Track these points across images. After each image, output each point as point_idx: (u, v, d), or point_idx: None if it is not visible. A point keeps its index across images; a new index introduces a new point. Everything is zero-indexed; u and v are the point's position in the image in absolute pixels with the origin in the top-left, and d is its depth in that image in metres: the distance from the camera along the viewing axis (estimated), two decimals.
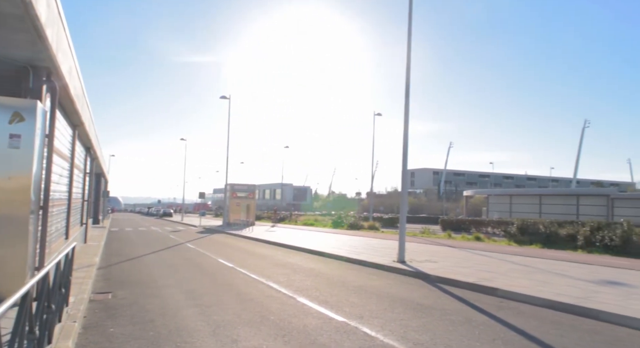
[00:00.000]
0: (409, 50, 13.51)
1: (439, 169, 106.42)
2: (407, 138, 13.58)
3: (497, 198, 61.48)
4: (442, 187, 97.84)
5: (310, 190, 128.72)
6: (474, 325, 6.41)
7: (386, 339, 5.63)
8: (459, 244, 20.08)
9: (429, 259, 13.51)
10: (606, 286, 9.23)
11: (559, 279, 10.05)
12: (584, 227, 18.29)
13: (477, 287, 9.27)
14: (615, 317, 6.72)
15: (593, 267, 12.50)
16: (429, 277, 10.61)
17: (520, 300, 8.22)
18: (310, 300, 7.91)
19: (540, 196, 57.70)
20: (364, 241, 21.29)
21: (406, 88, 13.51)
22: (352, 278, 10.72)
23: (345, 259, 14.18)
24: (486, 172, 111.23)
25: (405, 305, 7.72)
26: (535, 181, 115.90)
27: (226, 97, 35.99)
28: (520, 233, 20.78)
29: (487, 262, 13.13)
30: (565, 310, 7.41)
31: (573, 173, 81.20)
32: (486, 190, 72.66)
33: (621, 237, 16.20)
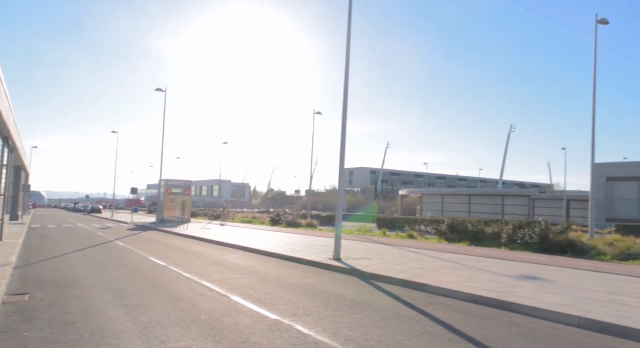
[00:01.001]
0: (347, 51, 13.68)
1: (377, 168, 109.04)
2: (344, 137, 13.76)
3: (430, 198, 64.07)
4: (379, 186, 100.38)
5: (249, 187, 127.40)
6: (404, 320, 6.62)
7: (318, 336, 5.67)
8: (393, 242, 20.67)
9: (364, 256, 13.79)
10: (525, 281, 9.86)
11: (484, 275, 10.61)
12: (507, 226, 19.43)
13: (408, 283, 9.58)
14: (531, 310, 7.19)
15: (514, 263, 13.31)
16: (363, 274, 10.82)
17: (448, 295, 8.59)
18: (244, 299, 7.81)
19: (470, 196, 60.82)
20: (302, 239, 21.36)
21: (344, 87, 13.68)
22: (287, 275, 10.72)
23: (281, 257, 14.15)
24: (421, 172, 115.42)
25: (339, 302, 7.83)
26: (466, 181, 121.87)
27: (162, 89, 34.71)
28: (450, 231, 21.73)
29: (418, 259, 13.61)
30: (488, 304, 7.83)
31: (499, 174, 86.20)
32: (420, 190, 75.42)
33: (539, 234, 17.38)
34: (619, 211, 36.53)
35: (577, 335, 6.07)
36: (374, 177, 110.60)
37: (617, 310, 7.02)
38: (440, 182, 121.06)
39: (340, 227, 13.60)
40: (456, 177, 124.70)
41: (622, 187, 36.96)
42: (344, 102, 13.67)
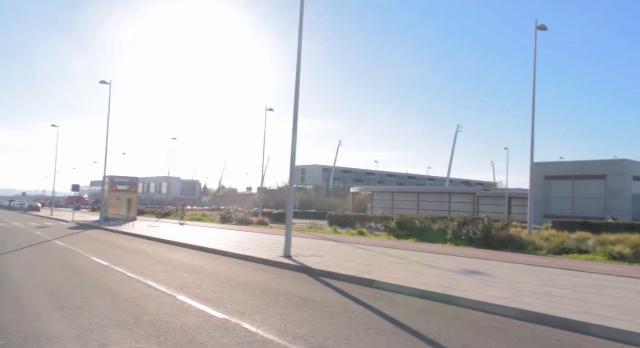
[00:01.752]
0: (299, 48, 13.67)
1: (329, 166, 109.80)
2: (295, 134, 13.74)
3: (381, 195, 65.30)
4: (331, 183, 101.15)
5: (199, 184, 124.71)
6: (352, 316, 6.71)
7: (266, 334, 5.65)
8: (343, 239, 20.90)
9: (314, 253, 13.86)
10: (467, 275, 10.26)
11: (429, 270, 10.94)
12: (452, 222, 20.13)
13: (357, 279, 9.72)
14: (473, 303, 7.49)
15: (458, 258, 13.81)
16: (313, 270, 10.88)
17: (395, 290, 8.79)
18: (191, 298, 7.65)
19: (418, 193, 62.46)
20: (252, 236, 21.19)
21: (296, 84, 13.67)
22: (237, 274, 10.60)
23: (231, 255, 13.97)
24: (372, 170, 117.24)
25: (287, 299, 7.83)
26: (415, 179, 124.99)
27: (106, 82, 33.33)
28: (399, 227, 22.25)
29: (367, 255, 13.84)
30: (432, 298, 8.08)
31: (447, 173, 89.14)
32: (371, 187, 76.69)
33: (482, 231, 18.13)
34: (555, 208, 38.72)
35: (514, 326, 6.39)
36: (326, 174, 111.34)
37: (550, 302, 7.44)
38: (391, 180, 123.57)
39: (290, 224, 13.59)
40: (406, 175, 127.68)
41: (558, 185, 39.19)
42: (295, 99, 13.66)
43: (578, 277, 10.45)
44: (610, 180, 35.87)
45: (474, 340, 5.63)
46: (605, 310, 6.87)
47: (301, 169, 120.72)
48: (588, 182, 37.44)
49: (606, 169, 36.35)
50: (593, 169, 37.18)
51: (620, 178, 35.44)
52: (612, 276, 10.69)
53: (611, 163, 36.93)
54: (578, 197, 38.10)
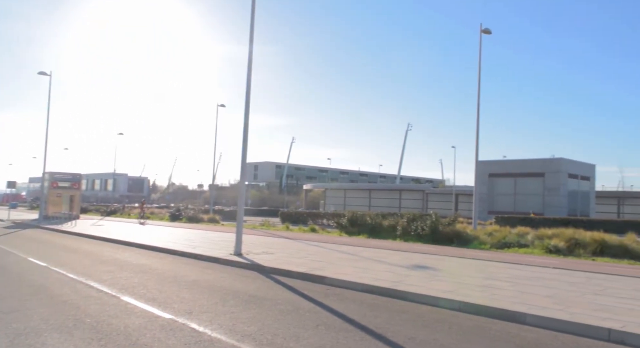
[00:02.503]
0: (251, 43, 13.52)
1: (282, 163, 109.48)
2: (247, 129, 13.59)
3: (333, 192, 65.84)
4: (285, 180, 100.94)
5: (147, 181, 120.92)
6: (302, 313, 6.73)
7: (214, 333, 5.56)
8: (295, 236, 20.91)
9: (266, 251, 13.78)
10: (415, 270, 10.53)
11: (379, 266, 11.15)
12: (402, 219, 20.59)
13: (308, 276, 9.75)
14: (420, 297, 7.71)
15: (407, 253, 14.15)
16: (264, 268, 10.82)
17: (345, 286, 8.89)
18: (136, 299, 7.40)
19: (370, 191, 63.49)
20: (203, 234, 20.79)
21: (247, 80, 13.51)
22: (185, 273, 10.36)
23: (180, 254, 13.64)
24: (325, 167, 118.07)
25: (237, 297, 7.74)
26: (367, 177, 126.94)
27: (46, 73, 31.60)
28: (350, 224, 22.51)
29: (319, 252, 13.92)
30: (382, 293, 8.24)
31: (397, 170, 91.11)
32: (324, 185, 77.22)
33: (430, 227, 18.67)
34: (498, 204, 40.49)
35: (458, 318, 6.63)
36: (279, 171, 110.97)
37: (492, 294, 7.78)
38: (343, 177, 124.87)
39: (241, 222, 13.44)
40: (358, 173, 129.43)
41: (501, 182, 41.00)
42: (246, 94, 13.50)
43: (518, 269, 10.98)
44: (548, 178, 37.92)
45: (419, 333, 5.79)
46: (541, 301, 7.26)
47: (254, 166, 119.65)
48: (528, 180, 39.40)
49: (544, 167, 38.38)
50: (533, 167, 39.16)
51: (557, 176, 37.54)
52: (549, 268, 11.31)
53: (549, 162, 39.04)
54: (519, 193, 40.01)
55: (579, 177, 39.92)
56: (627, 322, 6.00)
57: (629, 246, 14.61)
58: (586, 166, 41.43)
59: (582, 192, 40.58)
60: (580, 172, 40.21)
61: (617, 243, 14.94)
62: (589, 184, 41.86)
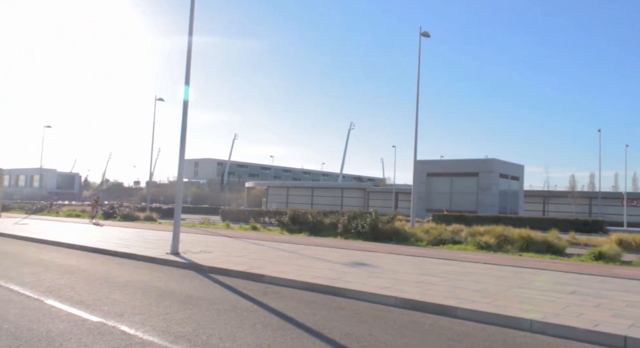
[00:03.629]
0: (190, 35, 13.15)
1: (224, 160, 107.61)
2: (185, 123, 13.21)
3: (276, 190, 65.60)
4: (226, 178, 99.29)
5: (79, 177, 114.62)
6: (239, 312, 6.63)
7: (146, 336, 5.35)
8: (236, 234, 20.62)
9: (205, 250, 13.47)
10: (354, 267, 10.70)
11: (319, 263, 11.22)
12: (343, 217, 20.86)
13: (247, 274, 9.63)
14: (358, 294, 7.83)
15: (347, 251, 14.35)
16: (202, 267, 10.57)
17: (285, 284, 8.86)
18: (62, 302, 6.97)
19: (313, 189, 63.83)
20: (138, 233, 20.00)
21: (187, 73, 13.13)
22: (118, 273, 9.91)
23: (113, 253, 13.03)
24: (268, 165, 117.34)
25: (172, 298, 7.50)
26: (310, 175, 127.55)
27: None
28: (292, 222, 22.51)
29: (259, 251, 13.80)
30: (321, 290, 8.29)
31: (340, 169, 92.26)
32: (266, 182, 76.75)
33: (370, 224, 19.06)
34: (436, 202, 42.07)
35: (393, 314, 6.80)
36: (221, 168, 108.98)
37: (426, 289, 8.05)
38: (286, 175, 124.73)
39: (179, 219, 13.05)
40: (301, 171, 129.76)
41: (439, 181, 42.63)
42: (185, 89, 13.11)
43: (451, 265, 11.45)
44: (482, 178, 39.87)
45: (356, 329, 5.88)
46: (472, 295, 7.61)
47: (194, 163, 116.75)
48: (463, 179, 41.24)
49: (478, 167, 40.32)
50: (468, 167, 41.03)
51: (490, 176, 39.56)
52: (480, 264, 11.88)
53: (482, 162, 41.05)
54: (455, 192, 41.79)
55: (509, 177, 42.30)
56: (547, 313, 6.41)
57: (551, 242, 15.66)
58: (516, 167, 43.95)
59: (512, 191, 43.03)
60: (511, 172, 42.61)
61: (541, 239, 15.95)
62: (518, 184, 44.47)
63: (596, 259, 13.39)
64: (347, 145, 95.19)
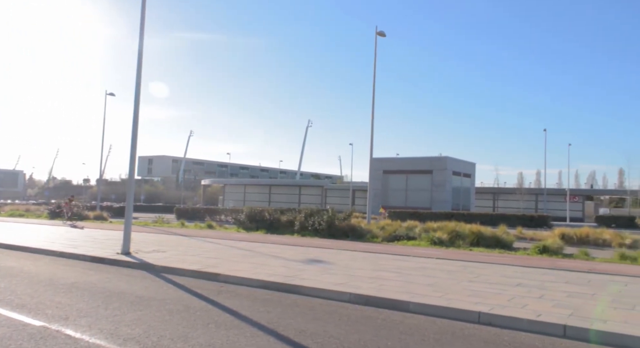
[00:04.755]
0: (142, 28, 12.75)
1: (179, 157, 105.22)
2: (137, 117, 12.81)
3: (233, 188, 64.80)
4: (182, 175, 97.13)
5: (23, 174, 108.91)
6: (192, 312, 6.50)
7: (93, 339, 5.15)
8: (191, 233, 20.22)
9: (157, 249, 13.13)
10: (310, 264, 10.73)
11: (275, 261, 11.18)
12: (300, 214, 20.87)
13: (201, 273, 9.47)
14: (313, 291, 7.86)
15: (304, 248, 14.37)
16: (154, 267, 10.29)
17: (240, 283, 8.77)
18: (1, 306, 6.60)
19: (270, 186, 63.50)
20: (87, 233, 19.23)
21: (138, 68, 12.72)
22: (64, 275, 9.49)
23: (59, 254, 12.46)
24: (225, 162, 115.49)
25: (122, 299, 7.26)
26: (268, 172, 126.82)
27: None
28: (249, 220, 22.30)
29: (214, 249, 13.59)
30: (276, 288, 8.26)
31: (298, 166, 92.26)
32: (223, 180, 75.62)
33: (327, 221, 19.16)
34: (392, 199, 42.82)
35: (347, 309, 6.87)
36: (176, 166, 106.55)
37: (380, 285, 8.19)
38: (244, 173, 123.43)
39: (130, 218, 12.65)
40: (259, 168, 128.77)
41: (394, 179, 43.43)
42: (136, 82, 12.70)
43: (405, 261, 11.69)
44: (436, 175, 40.94)
45: (310, 326, 5.90)
46: (423, 289, 7.81)
47: (148, 160, 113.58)
48: (418, 176, 42.19)
49: (432, 165, 41.37)
50: (422, 165, 42.02)
51: (443, 173, 40.68)
52: (432, 259, 12.20)
53: (436, 160, 42.16)
54: (410, 189, 42.70)
55: (462, 175, 43.67)
56: (494, 305, 6.67)
57: (500, 237, 16.28)
58: (468, 164, 45.41)
59: (464, 188, 44.44)
60: (463, 169, 43.98)
61: (490, 234, 16.55)
62: (470, 181, 45.99)
63: (541, 253, 14.04)
64: (305, 142, 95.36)
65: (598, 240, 17.70)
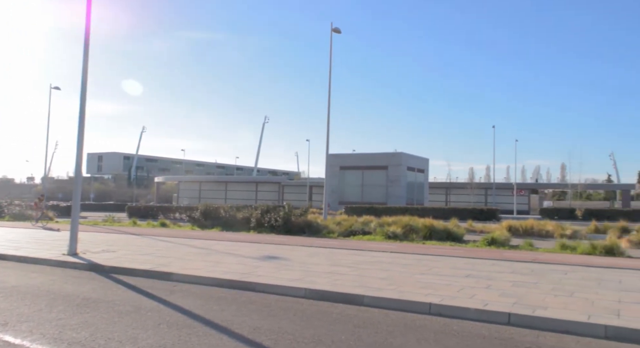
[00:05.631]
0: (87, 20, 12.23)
1: (131, 154, 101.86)
2: (83, 112, 12.28)
3: (188, 185, 63.48)
4: (134, 172, 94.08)
5: None
6: (142, 313, 6.32)
7: (34, 344, 4.91)
8: (143, 231, 19.65)
9: (107, 249, 12.67)
10: (266, 261, 10.68)
11: (230, 258, 11.04)
12: (256, 211, 20.70)
13: (153, 273, 9.22)
14: (268, 287, 7.83)
15: (260, 245, 14.28)
16: (103, 268, 9.93)
17: (194, 282, 8.61)
18: None
19: (226, 183, 62.69)
20: (31, 233, 18.28)
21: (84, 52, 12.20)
22: (3, 278, 8.98)
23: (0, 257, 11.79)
24: (179, 159, 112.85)
25: (67, 302, 6.96)
26: (224, 169, 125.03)
27: None
28: (204, 218, 21.93)
29: (168, 248, 13.27)
30: (231, 286, 8.17)
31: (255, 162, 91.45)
32: (177, 177, 73.93)
33: (283, 218, 19.12)
34: (348, 195, 43.30)
35: (303, 305, 6.89)
36: (128, 163, 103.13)
37: (335, 279, 8.26)
38: (199, 169, 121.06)
39: (77, 216, 12.13)
40: (215, 165, 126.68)
41: (351, 174, 43.91)
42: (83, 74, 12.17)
43: (360, 255, 11.85)
44: (391, 171, 41.71)
45: (265, 323, 5.87)
46: (378, 283, 7.94)
47: (98, 157, 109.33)
48: (374, 172, 42.86)
49: (388, 161, 42.12)
50: (378, 161, 42.70)
51: (398, 169, 41.50)
52: (387, 253, 12.42)
53: (391, 156, 42.94)
54: (366, 185, 43.31)
55: (416, 170, 44.71)
56: (444, 296, 6.87)
57: (451, 230, 16.82)
58: (422, 160, 46.55)
59: (418, 183, 45.53)
60: (417, 165, 45.04)
61: (442, 228, 17.07)
62: (424, 176, 47.17)
63: (489, 244, 14.61)
64: (262, 139, 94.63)
65: (542, 231, 18.64)
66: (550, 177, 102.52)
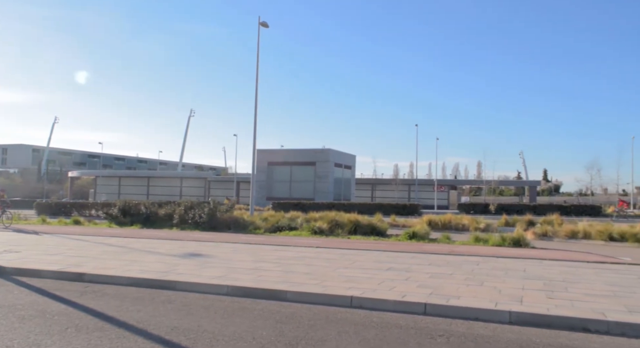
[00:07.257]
0: None
1: (42, 146, 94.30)
2: None
3: (106, 180, 60.08)
4: (44, 166, 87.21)
5: None
6: (48, 317, 5.86)
7: None
8: (54, 230, 18.25)
9: (10, 249, 11.62)
10: (188, 258, 10.34)
11: (149, 256, 10.56)
12: (179, 207, 20.00)
13: (63, 274, 8.58)
14: (188, 285, 7.58)
15: (182, 242, 13.80)
16: (5, 270, 9.08)
17: (108, 282, 8.13)
18: None
19: (149, 178, 60.12)
20: None
21: None
22: None
23: None
24: (96, 153, 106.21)
25: None
26: (147, 163, 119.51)
27: None
28: (123, 214, 20.81)
29: (81, 247, 12.43)
30: (149, 285, 7.80)
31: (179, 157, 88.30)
32: (94, 171, 69.70)
33: (208, 214, 18.63)
34: (276, 191, 43.18)
35: (224, 302, 6.74)
36: (38, 156, 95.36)
37: (259, 276, 8.17)
38: (119, 164, 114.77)
39: None
40: (136, 159, 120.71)
41: (279, 170, 43.80)
42: None
43: (285, 251, 11.84)
44: (319, 167, 42.16)
45: (183, 322, 5.67)
46: (301, 278, 7.97)
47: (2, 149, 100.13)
48: (302, 168, 43.09)
49: (316, 157, 42.51)
50: (306, 157, 42.97)
51: (326, 165, 42.04)
52: (312, 248, 12.51)
53: (319, 152, 43.38)
54: (295, 180, 43.45)
55: (343, 166, 45.55)
56: (366, 289, 7.04)
57: (375, 225, 17.30)
58: (349, 156, 47.49)
59: (345, 179, 46.45)
60: (344, 161, 45.90)
61: (367, 223, 17.50)
62: (351, 172, 48.19)
63: (410, 238, 15.21)
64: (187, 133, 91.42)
65: (459, 225, 19.76)
66: (468, 173, 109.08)
